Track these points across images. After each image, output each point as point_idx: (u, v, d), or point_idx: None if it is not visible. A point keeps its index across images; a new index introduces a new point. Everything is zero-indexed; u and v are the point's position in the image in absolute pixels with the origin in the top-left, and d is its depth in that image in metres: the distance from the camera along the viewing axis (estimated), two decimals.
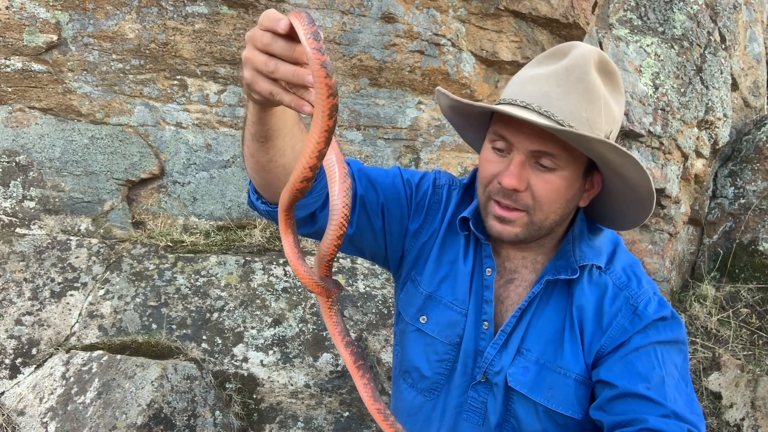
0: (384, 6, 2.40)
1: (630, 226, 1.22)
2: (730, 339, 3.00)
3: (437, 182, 1.31)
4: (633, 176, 1.08)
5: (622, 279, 1.15)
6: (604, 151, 1.04)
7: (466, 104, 1.14)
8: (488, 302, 1.20)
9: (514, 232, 1.10)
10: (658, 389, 1.05)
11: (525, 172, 1.07)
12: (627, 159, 1.05)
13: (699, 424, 1.04)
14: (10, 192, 2.20)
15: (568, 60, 1.09)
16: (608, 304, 1.13)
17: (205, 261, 2.20)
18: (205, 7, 2.27)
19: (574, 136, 1.01)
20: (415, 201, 1.28)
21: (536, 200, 1.08)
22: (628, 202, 1.16)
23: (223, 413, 1.90)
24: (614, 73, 1.13)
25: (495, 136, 1.11)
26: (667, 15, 3.22)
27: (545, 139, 1.04)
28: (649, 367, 1.07)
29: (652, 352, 1.08)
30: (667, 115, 3.03)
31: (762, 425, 2.44)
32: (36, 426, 1.80)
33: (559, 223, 1.15)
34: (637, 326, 1.10)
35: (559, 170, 1.07)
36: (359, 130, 2.48)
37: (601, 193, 1.18)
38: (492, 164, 1.11)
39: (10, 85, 2.19)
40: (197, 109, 2.35)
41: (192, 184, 2.38)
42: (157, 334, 2.04)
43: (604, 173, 1.12)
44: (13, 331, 1.99)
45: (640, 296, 1.13)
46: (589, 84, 1.07)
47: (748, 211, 3.42)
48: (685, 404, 1.05)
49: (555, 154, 1.05)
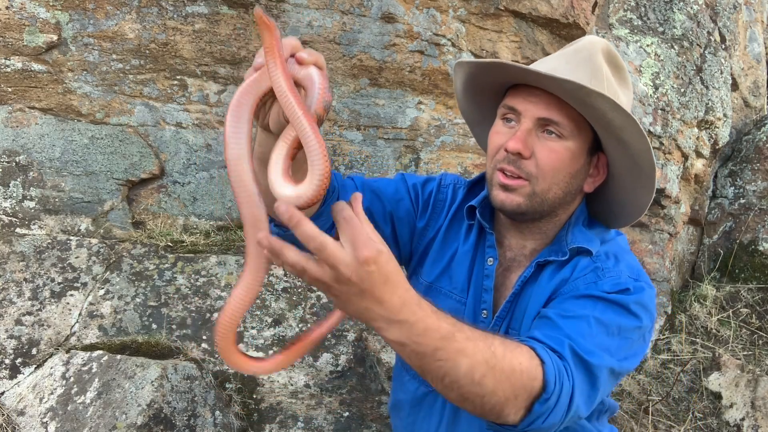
0: (384, 6, 2.40)
1: (634, 214, 1.22)
2: (730, 339, 3.00)
3: (443, 182, 1.35)
4: (633, 141, 1.10)
5: (600, 257, 1.16)
6: (603, 108, 1.06)
7: (479, 63, 1.16)
8: (488, 291, 1.22)
9: (517, 201, 1.12)
10: (568, 321, 1.03)
11: (531, 139, 1.10)
12: (627, 120, 1.06)
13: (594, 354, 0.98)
14: (10, 192, 2.20)
15: (578, 44, 1.17)
16: (577, 272, 1.15)
17: (205, 261, 2.20)
18: (205, 7, 2.27)
19: (576, 86, 1.04)
20: (421, 201, 1.31)
21: (540, 168, 1.10)
22: (632, 179, 1.16)
23: (223, 413, 1.90)
24: (622, 68, 1.18)
25: (505, 109, 1.15)
26: (667, 15, 3.22)
27: (552, 107, 1.09)
28: (577, 306, 1.06)
29: (590, 302, 1.06)
30: (667, 115, 3.03)
31: (762, 425, 2.44)
32: (36, 426, 1.80)
33: (561, 203, 1.17)
34: (591, 289, 1.10)
35: (564, 140, 1.10)
36: (359, 130, 2.48)
37: (606, 183, 1.20)
38: (500, 135, 1.15)
39: (10, 85, 2.19)
40: (197, 109, 2.35)
41: (192, 184, 2.38)
42: (157, 334, 2.04)
43: (608, 144, 1.14)
44: (13, 331, 1.99)
45: (609, 271, 1.13)
46: (596, 65, 1.12)
47: (748, 211, 3.42)
48: (588, 339, 1.00)
49: (560, 122, 1.09)
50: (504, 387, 0.86)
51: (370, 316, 0.78)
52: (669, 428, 2.55)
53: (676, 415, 2.63)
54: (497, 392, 0.86)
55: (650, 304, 1.11)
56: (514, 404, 0.89)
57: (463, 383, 0.84)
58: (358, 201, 0.80)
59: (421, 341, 0.80)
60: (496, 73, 1.15)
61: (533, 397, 0.90)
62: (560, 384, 0.92)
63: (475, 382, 0.84)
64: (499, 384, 0.86)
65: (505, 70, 1.13)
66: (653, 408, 2.60)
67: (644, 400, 2.66)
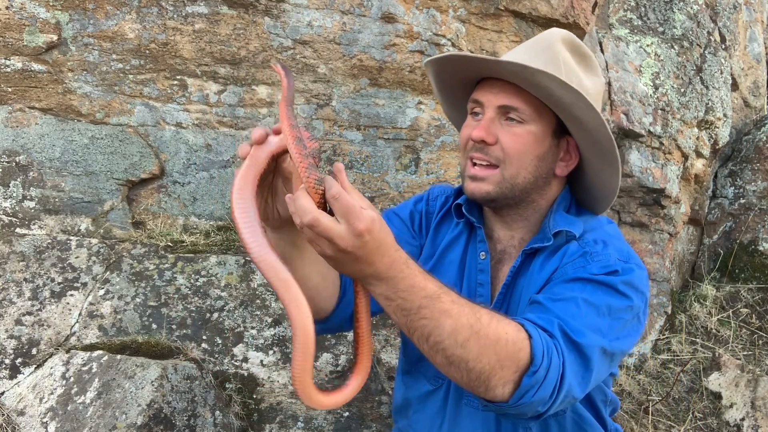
0: (384, 6, 2.40)
1: (609, 196, 1.24)
2: (730, 339, 3.00)
3: (431, 196, 1.40)
4: (587, 118, 1.13)
5: (589, 243, 1.19)
6: (551, 86, 1.09)
7: (438, 59, 1.21)
8: (483, 285, 1.25)
9: (486, 189, 1.18)
10: (557, 303, 1.04)
11: (494, 126, 1.16)
12: (575, 96, 1.10)
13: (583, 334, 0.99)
14: (10, 192, 2.20)
15: (539, 35, 1.23)
16: (567, 258, 1.17)
17: (205, 261, 2.20)
18: (205, 7, 2.27)
19: (520, 67, 1.08)
20: (416, 225, 1.37)
21: (506, 153, 1.16)
22: (595, 156, 1.20)
23: (223, 413, 1.90)
24: (589, 56, 1.22)
25: (472, 104, 1.22)
26: (667, 15, 3.22)
27: (510, 94, 1.14)
28: (566, 289, 1.08)
29: (579, 284, 1.08)
30: (667, 115, 3.03)
31: (762, 425, 2.44)
32: (36, 426, 1.80)
33: (533, 187, 1.20)
34: (579, 272, 1.11)
35: (525, 124, 1.15)
36: (359, 130, 2.48)
37: (581, 168, 1.24)
38: (468, 128, 1.21)
39: (10, 85, 2.19)
40: (197, 109, 2.35)
41: (192, 184, 2.38)
42: (157, 334, 2.04)
43: (570, 127, 1.18)
44: (13, 331, 1.99)
45: (598, 255, 1.15)
46: (553, 52, 1.17)
47: (748, 211, 3.43)
48: (578, 319, 1.01)
49: (519, 107, 1.14)
50: (489, 354, 0.88)
51: (362, 275, 0.88)
52: (669, 428, 2.55)
53: (676, 415, 2.63)
54: (482, 358, 0.88)
55: (640, 284, 1.12)
56: (501, 375, 0.90)
57: (447, 345, 0.87)
58: (342, 173, 0.86)
59: (406, 297, 0.86)
60: (454, 67, 1.21)
61: (521, 369, 0.91)
62: (548, 358, 0.93)
63: (458, 343, 0.87)
64: (483, 350, 0.87)
65: (461, 63, 1.19)
66: (653, 408, 2.60)
67: (644, 400, 2.66)
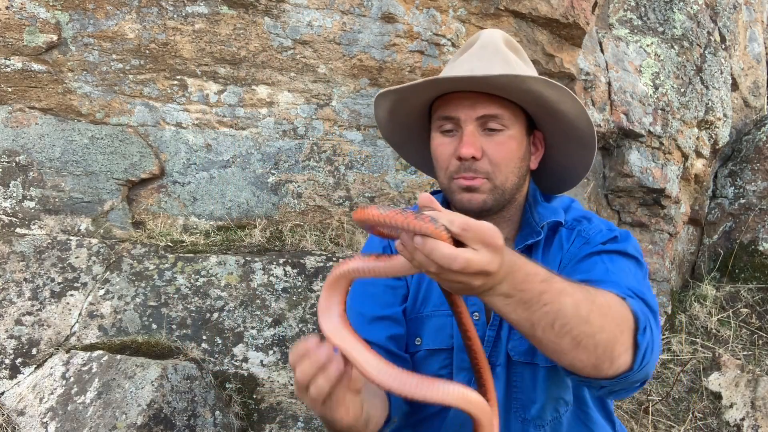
0: (384, 6, 2.40)
1: (581, 173, 1.28)
2: (730, 339, 3.00)
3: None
4: (569, 109, 1.15)
5: (573, 223, 1.22)
6: (540, 88, 1.11)
7: (409, 87, 1.19)
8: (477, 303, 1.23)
9: (482, 198, 1.17)
10: (596, 275, 1.05)
11: (477, 140, 1.15)
12: (562, 92, 1.12)
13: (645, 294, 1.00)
14: (10, 192, 2.20)
15: (480, 41, 1.21)
16: (566, 244, 1.20)
17: (205, 261, 2.20)
18: (205, 7, 2.27)
19: (511, 77, 1.09)
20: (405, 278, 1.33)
21: (494, 164, 1.15)
22: (571, 142, 1.22)
23: (223, 413, 1.90)
24: (520, 50, 1.25)
25: (440, 121, 1.19)
26: (667, 15, 3.22)
27: (487, 103, 1.13)
28: (587, 266, 1.09)
29: (597, 257, 1.10)
30: (667, 115, 3.03)
31: (762, 425, 2.44)
32: (36, 426, 1.80)
33: (518, 187, 1.22)
34: (585, 250, 1.15)
35: (507, 130, 1.15)
36: (359, 130, 2.48)
37: (545, 155, 1.27)
38: (445, 146, 1.18)
39: (10, 85, 2.19)
40: (197, 109, 2.35)
41: (192, 184, 2.38)
42: (157, 334, 2.04)
43: (543, 120, 1.20)
44: (13, 331, 1.99)
45: (590, 229, 1.19)
46: (504, 54, 1.18)
47: (748, 211, 3.43)
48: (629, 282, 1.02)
49: (499, 114, 1.14)
50: (608, 322, 0.85)
51: (487, 287, 0.78)
52: (669, 428, 2.55)
53: (676, 415, 2.63)
54: (605, 328, 0.85)
55: (638, 247, 1.16)
56: (622, 341, 0.87)
57: (574, 324, 0.82)
58: (434, 201, 0.79)
59: (525, 287, 0.80)
60: (427, 91, 1.19)
61: (633, 330, 0.89)
62: (644, 315, 0.92)
63: (583, 319, 0.82)
64: (604, 319, 0.85)
65: (437, 86, 1.16)
66: (653, 408, 2.60)
67: (644, 400, 2.66)
